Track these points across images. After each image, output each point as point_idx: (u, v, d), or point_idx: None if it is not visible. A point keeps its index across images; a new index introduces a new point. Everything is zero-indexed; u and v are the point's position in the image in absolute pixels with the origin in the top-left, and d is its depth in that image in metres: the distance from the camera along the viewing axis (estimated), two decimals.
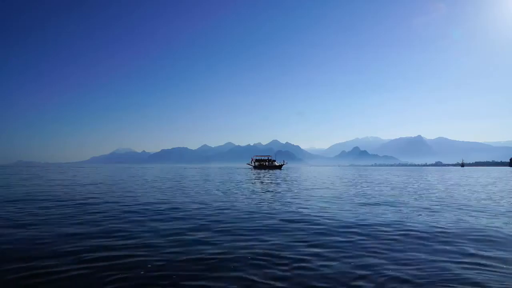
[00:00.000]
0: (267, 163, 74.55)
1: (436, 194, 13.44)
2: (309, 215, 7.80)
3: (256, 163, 75.39)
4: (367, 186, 18.21)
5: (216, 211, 8.35)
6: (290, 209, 8.80)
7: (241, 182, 21.89)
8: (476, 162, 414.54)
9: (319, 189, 15.66)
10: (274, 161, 75.28)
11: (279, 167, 74.94)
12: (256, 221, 6.94)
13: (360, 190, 15.30)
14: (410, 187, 17.66)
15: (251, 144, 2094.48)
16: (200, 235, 5.64)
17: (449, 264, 4.14)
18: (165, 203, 10.05)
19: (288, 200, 11.10)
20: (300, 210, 8.70)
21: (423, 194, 13.63)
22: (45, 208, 8.80)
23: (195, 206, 9.38)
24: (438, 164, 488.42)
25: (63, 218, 7.17)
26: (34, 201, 10.23)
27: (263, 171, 54.95)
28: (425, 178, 29.85)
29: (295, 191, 14.71)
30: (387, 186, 18.34)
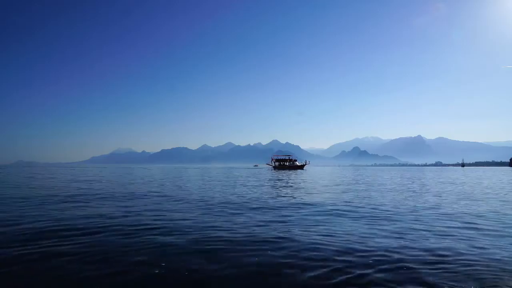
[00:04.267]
0: (288, 163, 73.40)
1: None
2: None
3: (277, 163, 74.57)
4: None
5: None
6: None
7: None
8: (476, 162, 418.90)
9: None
10: (296, 160, 74.08)
11: (301, 167, 72.94)
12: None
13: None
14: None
15: (251, 144, 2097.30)
16: None
17: None
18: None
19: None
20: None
21: None
22: None
23: None
24: (438, 164, 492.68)
25: None
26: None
27: (287, 171, 52.77)
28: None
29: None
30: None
